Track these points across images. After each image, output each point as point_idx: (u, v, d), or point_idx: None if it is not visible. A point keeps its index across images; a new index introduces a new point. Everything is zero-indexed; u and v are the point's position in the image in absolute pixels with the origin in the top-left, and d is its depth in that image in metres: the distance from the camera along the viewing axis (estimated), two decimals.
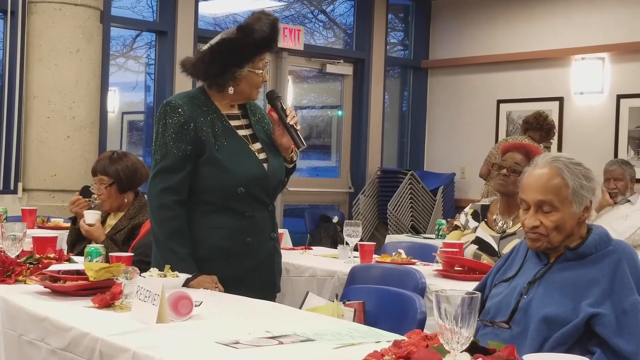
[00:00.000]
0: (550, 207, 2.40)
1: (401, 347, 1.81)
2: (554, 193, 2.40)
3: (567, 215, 2.41)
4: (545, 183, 2.42)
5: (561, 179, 2.41)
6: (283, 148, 3.25)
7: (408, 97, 9.69)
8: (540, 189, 2.42)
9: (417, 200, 8.76)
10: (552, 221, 2.40)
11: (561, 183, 2.41)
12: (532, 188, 2.44)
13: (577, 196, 2.41)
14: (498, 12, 8.80)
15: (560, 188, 2.41)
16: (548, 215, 2.41)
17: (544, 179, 2.42)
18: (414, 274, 3.44)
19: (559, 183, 2.41)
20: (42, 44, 6.64)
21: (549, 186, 2.41)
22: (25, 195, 6.66)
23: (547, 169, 2.44)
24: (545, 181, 2.42)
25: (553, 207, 2.40)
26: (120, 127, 8.21)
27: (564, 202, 2.40)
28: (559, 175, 2.41)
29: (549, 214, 2.41)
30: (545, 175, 2.43)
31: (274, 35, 3.12)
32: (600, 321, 2.27)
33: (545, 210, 2.41)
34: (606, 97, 7.96)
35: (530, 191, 2.44)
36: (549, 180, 2.42)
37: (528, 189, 2.45)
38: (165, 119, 3.08)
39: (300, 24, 8.87)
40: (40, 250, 3.34)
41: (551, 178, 2.42)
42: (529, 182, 2.45)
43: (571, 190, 2.41)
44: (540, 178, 2.43)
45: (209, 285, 2.97)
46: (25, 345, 2.49)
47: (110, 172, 3.98)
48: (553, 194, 2.40)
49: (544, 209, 2.41)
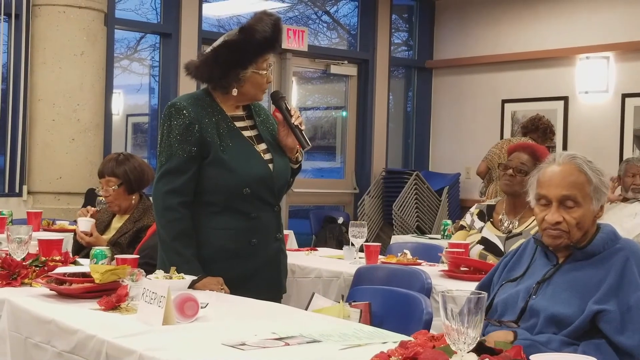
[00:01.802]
0: (573, 203, 2.40)
1: (408, 348, 1.80)
2: (578, 189, 2.41)
3: (588, 212, 2.41)
4: (569, 179, 2.41)
5: (584, 175, 2.42)
6: (288, 148, 3.25)
7: (412, 97, 9.69)
8: (565, 185, 2.41)
9: (422, 200, 8.75)
10: (574, 217, 2.40)
11: (584, 179, 2.41)
12: (555, 183, 2.42)
13: (597, 193, 2.42)
14: (502, 11, 8.79)
15: (583, 184, 2.41)
16: (570, 211, 2.40)
17: (568, 174, 2.42)
18: (420, 274, 3.43)
19: (583, 179, 2.41)
20: (47, 47, 6.66)
21: (573, 182, 2.41)
22: (30, 198, 6.67)
23: (569, 166, 2.43)
24: (570, 177, 2.42)
25: (576, 202, 2.40)
26: (125, 129, 8.22)
27: (585, 198, 2.41)
28: (582, 171, 2.42)
29: (571, 210, 2.40)
30: (569, 171, 2.42)
31: (276, 35, 3.11)
32: (605, 318, 2.26)
33: (568, 205, 2.41)
34: (611, 96, 7.95)
35: (554, 187, 2.42)
36: (572, 176, 2.42)
37: (550, 184, 2.43)
38: (170, 121, 3.08)
39: (304, 25, 8.88)
40: (46, 253, 3.34)
41: (575, 174, 2.42)
42: (551, 178, 2.44)
43: (593, 187, 2.41)
44: (564, 174, 2.42)
45: (215, 286, 2.97)
46: (32, 347, 2.49)
47: (119, 173, 3.98)
48: (577, 190, 2.40)
49: (567, 204, 2.41)
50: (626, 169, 5.98)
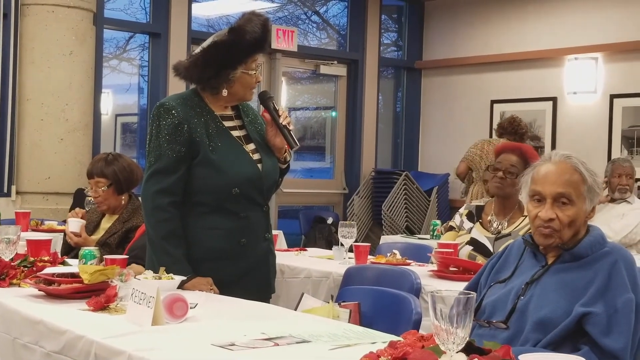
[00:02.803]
0: (567, 201, 2.42)
1: (397, 348, 1.81)
2: (573, 187, 2.42)
3: (580, 211, 2.43)
4: (564, 177, 2.43)
5: (579, 175, 2.44)
6: (276, 148, 3.25)
7: (402, 97, 9.70)
8: (560, 182, 2.43)
9: (411, 200, 8.76)
10: (567, 215, 2.41)
11: (579, 179, 2.43)
12: (550, 181, 2.44)
13: (591, 193, 2.44)
14: (491, 12, 8.81)
15: (578, 183, 2.43)
16: (564, 209, 2.42)
17: (564, 172, 2.44)
18: (409, 274, 3.44)
19: (578, 179, 2.43)
20: (35, 47, 6.63)
21: (568, 180, 2.43)
22: (18, 198, 6.64)
23: (564, 164, 2.46)
24: (565, 175, 2.43)
25: (570, 201, 2.42)
26: (114, 129, 8.21)
27: (579, 197, 2.43)
28: (577, 171, 2.44)
29: (565, 208, 2.42)
30: (565, 170, 2.44)
31: (265, 35, 3.12)
32: (591, 320, 2.27)
33: (562, 203, 2.42)
34: (599, 97, 7.98)
35: (549, 184, 2.44)
36: (568, 174, 2.44)
37: (546, 181, 2.45)
38: (159, 121, 3.07)
39: (293, 25, 8.87)
40: (35, 253, 3.33)
41: (570, 173, 2.44)
42: (546, 175, 2.45)
43: (587, 187, 2.44)
44: (559, 172, 2.44)
45: (204, 287, 2.97)
46: (20, 348, 2.48)
47: (108, 173, 3.96)
48: (572, 188, 2.42)
49: (561, 202, 2.42)
50: (612, 169, 6.00)
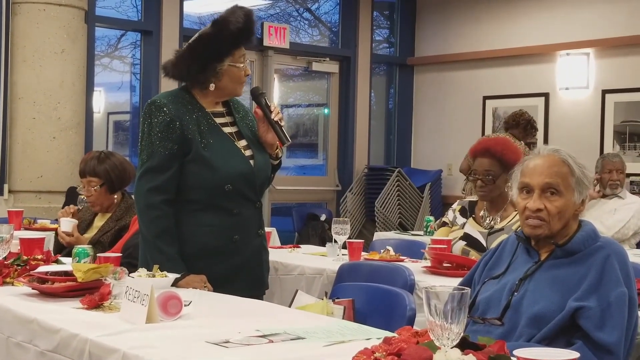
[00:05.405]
0: (555, 191, 2.45)
1: (392, 344, 1.81)
2: (561, 178, 2.46)
3: (569, 203, 2.45)
4: (553, 168, 2.46)
5: (567, 167, 2.47)
6: (268, 144, 3.25)
7: (394, 94, 9.70)
8: (548, 173, 2.46)
9: (404, 197, 8.76)
10: (555, 206, 2.44)
11: (567, 170, 2.47)
12: (538, 172, 2.47)
13: (580, 185, 2.47)
14: (483, 8, 8.81)
15: (566, 175, 2.46)
16: (552, 200, 2.45)
17: (552, 164, 2.47)
18: (403, 270, 3.44)
19: (566, 170, 2.47)
20: (27, 45, 6.61)
21: (556, 171, 2.46)
22: (11, 197, 6.63)
23: (552, 157, 2.49)
24: (553, 166, 2.47)
25: (558, 191, 2.45)
26: (106, 127, 8.19)
27: (568, 188, 2.46)
28: (565, 163, 2.48)
29: (553, 199, 2.45)
30: (553, 162, 2.48)
31: (249, 25, 3.12)
32: (585, 314, 2.29)
33: (550, 193, 2.45)
34: (591, 92, 7.99)
35: (537, 175, 2.47)
36: (556, 166, 2.47)
37: (534, 173, 2.48)
38: (150, 119, 3.07)
39: (285, 22, 8.86)
40: (28, 252, 3.32)
41: (558, 164, 2.47)
42: (535, 167, 2.49)
43: (575, 179, 2.47)
44: (547, 163, 2.48)
45: (198, 284, 2.96)
46: (14, 347, 2.47)
47: (100, 172, 3.95)
48: (560, 179, 2.46)
49: (549, 192, 2.45)
50: (603, 165, 6.01)
